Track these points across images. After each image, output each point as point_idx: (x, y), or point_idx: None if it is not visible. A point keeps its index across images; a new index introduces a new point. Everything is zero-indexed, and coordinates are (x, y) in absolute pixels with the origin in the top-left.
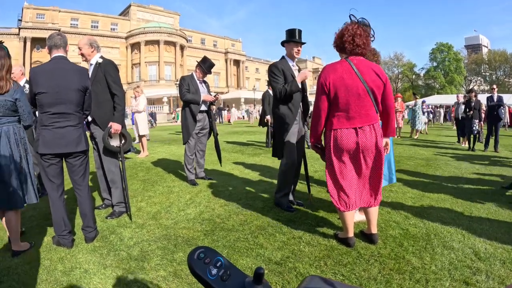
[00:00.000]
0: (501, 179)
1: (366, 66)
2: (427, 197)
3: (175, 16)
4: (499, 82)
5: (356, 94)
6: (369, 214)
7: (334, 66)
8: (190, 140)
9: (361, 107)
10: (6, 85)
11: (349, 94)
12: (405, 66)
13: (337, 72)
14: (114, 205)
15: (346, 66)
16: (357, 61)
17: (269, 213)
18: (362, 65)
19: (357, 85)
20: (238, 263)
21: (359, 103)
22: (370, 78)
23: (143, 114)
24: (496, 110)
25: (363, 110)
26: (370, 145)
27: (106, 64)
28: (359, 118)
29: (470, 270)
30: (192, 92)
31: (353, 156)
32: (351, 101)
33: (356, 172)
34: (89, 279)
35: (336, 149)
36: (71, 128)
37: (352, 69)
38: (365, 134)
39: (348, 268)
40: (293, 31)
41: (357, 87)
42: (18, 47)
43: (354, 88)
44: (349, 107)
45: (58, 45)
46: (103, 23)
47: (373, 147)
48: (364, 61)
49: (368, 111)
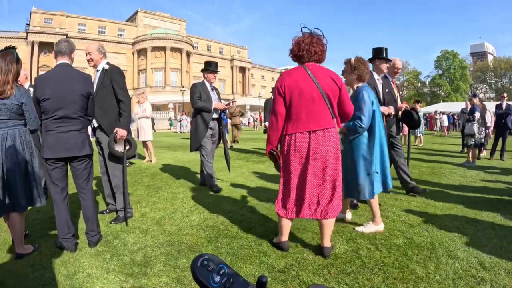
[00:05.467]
0: (507, 187)
1: (322, 71)
2: (432, 206)
3: (182, 23)
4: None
5: (311, 98)
6: (321, 226)
7: (290, 72)
8: (206, 146)
9: (315, 112)
10: (11, 90)
11: (303, 97)
12: (410, 74)
13: (292, 77)
14: (118, 210)
15: (301, 71)
16: (313, 67)
17: (273, 221)
18: (318, 71)
19: (311, 89)
20: (241, 270)
21: (314, 107)
22: (325, 82)
23: (149, 121)
24: (504, 119)
25: (317, 114)
26: (322, 150)
27: (112, 70)
28: (313, 122)
29: (475, 279)
30: (203, 100)
31: (301, 162)
32: (305, 105)
33: (308, 181)
34: (92, 283)
35: (290, 155)
36: (75, 133)
37: (307, 73)
38: (318, 139)
39: (351, 277)
40: (381, 50)
41: (311, 91)
42: (25, 51)
43: (308, 92)
44: (303, 111)
45: (63, 52)
46: (110, 28)
47: (325, 153)
48: (320, 67)
49: (322, 115)
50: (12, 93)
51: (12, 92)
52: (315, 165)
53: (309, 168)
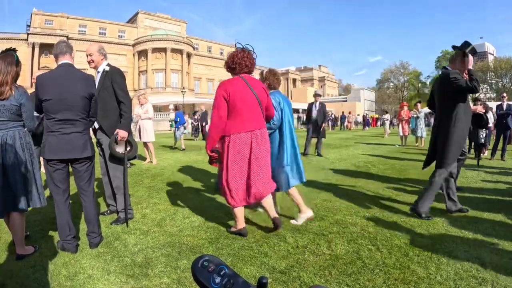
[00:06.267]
0: (508, 188)
1: (256, 82)
2: (432, 206)
3: (182, 24)
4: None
5: (250, 104)
6: (264, 203)
7: (231, 81)
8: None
9: (253, 115)
10: (9, 91)
11: (244, 103)
12: (411, 74)
13: (234, 86)
14: (119, 211)
15: (241, 81)
16: (248, 78)
17: None
18: (253, 81)
19: (251, 96)
20: (242, 271)
21: (252, 111)
22: (259, 91)
23: (151, 122)
24: (505, 119)
25: (255, 117)
26: (260, 146)
27: (113, 72)
28: (252, 123)
29: (476, 280)
30: None
31: (246, 157)
32: (246, 109)
33: (247, 171)
34: (93, 284)
35: (233, 152)
36: (77, 134)
37: (246, 84)
38: (257, 136)
39: (352, 278)
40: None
41: (251, 98)
42: (26, 53)
43: (248, 99)
44: (245, 114)
45: (64, 51)
46: (111, 30)
47: (262, 148)
48: (254, 78)
49: (258, 118)
50: (11, 94)
51: (11, 94)
52: (255, 158)
53: (252, 161)
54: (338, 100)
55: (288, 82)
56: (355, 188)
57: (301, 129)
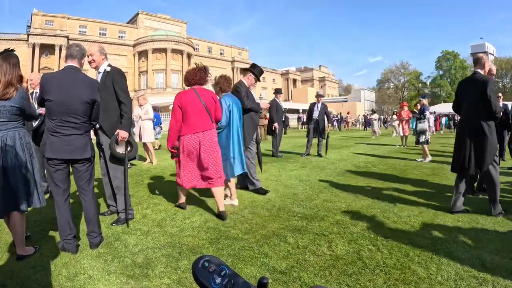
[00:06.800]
0: (508, 187)
1: (205, 92)
2: (433, 207)
3: (182, 25)
4: (505, 89)
5: (198, 110)
6: (214, 194)
7: (186, 92)
8: (252, 147)
9: (201, 119)
10: (13, 92)
11: (193, 110)
12: (411, 74)
13: (187, 96)
14: (119, 211)
15: (192, 92)
16: (199, 89)
17: (274, 222)
18: (202, 92)
19: (199, 104)
20: (242, 272)
21: (200, 116)
22: (207, 100)
23: (150, 122)
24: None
25: (202, 121)
26: (208, 144)
27: (114, 72)
28: (200, 126)
29: (477, 280)
30: (251, 99)
31: (194, 152)
32: (194, 115)
33: (196, 164)
34: (93, 285)
35: (183, 149)
36: (78, 136)
37: (196, 94)
38: (204, 137)
39: (353, 278)
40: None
41: (199, 106)
42: (26, 53)
43: (197, 107)
44: (193, 119)
45: (74, 55)
46: (111, 30)
47: (208, 145)
48: (204, 89)
49: (205, 121)
50: (14, 95)
51: (14, 94)
52: (201, 153)
53: (201, 155)
54: (338, 100)
55: (288, 82)
56: (356, 189)
57: (302, 130)
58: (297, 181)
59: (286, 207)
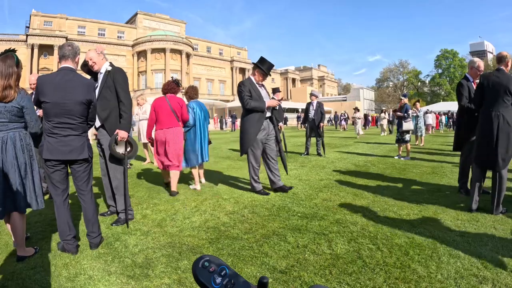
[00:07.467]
0: (507, 187)
1: (174, 99)
2: (433, 205)
3: (181, 25)
4: None
5: (167, 113)
6: (171, 176)
7: (160, 99)
8: (256, 150)
9: (169, 119)
10: (13, 94)
11: (163, 112)
12: (410, 73)
13: (160, 102)
14: (119, 212)
15: (164, 99)
16: (169, 97)
17: (274, 222)
18: (172, 98)
19: (167, 108)
20: (242, 271)
21: (168, 117)
22: (174, 104)
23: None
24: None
25: (169, 120)
26: (172, 138)
27: (115, 71)
28: (167, 124)
29: (477, 278)
30: (254, 99)
31: (163, 143)
32: (164, 116)
33: (164, 151)
34: (94, 285)
35: (156, 140)
36: (75, 137)
37: (166, 100)
38: (169, 132)
39: (353, 277)
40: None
41: (167, 109)
42: (25, 54)
43: (165, 109)
44: (162, 119)
45: (66, 55)
46: (110, 31)
47: (172, 139)
48: (174, 96)
49: (172, 121)
50: (15, 97)
51: (15, 97)
52: (168, 145)
53: (167, 147)
54: (337, 99)
55: (287, 81)
56: (355, 188)
57: (301, 129)
58: (296, 180)
59: (286, 206)
